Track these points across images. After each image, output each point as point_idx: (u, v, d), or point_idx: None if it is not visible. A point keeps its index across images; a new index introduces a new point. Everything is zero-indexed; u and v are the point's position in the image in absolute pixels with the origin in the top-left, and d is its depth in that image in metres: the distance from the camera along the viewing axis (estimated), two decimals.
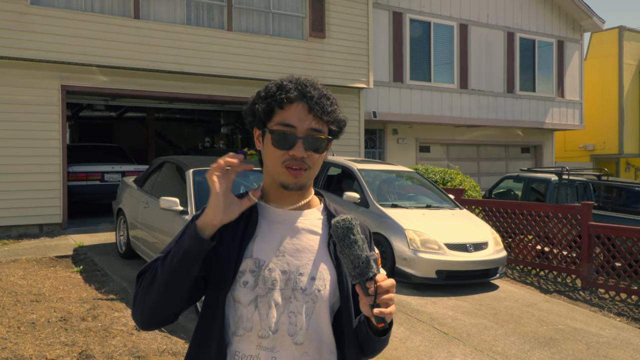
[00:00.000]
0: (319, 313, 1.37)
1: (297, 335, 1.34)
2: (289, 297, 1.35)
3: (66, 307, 5.17)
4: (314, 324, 1.37)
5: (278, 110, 1.38)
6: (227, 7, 10.46)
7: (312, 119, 1.37)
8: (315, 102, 1.37)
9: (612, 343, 5.28)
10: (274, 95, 1.38)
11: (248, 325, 1.34)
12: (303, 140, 1.35)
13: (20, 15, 8.64)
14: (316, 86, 1.41)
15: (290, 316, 1.35)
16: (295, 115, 1.37)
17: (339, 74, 11.59)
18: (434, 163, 13.70)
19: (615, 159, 20.36)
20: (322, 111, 1.37)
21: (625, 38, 19.34)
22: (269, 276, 1.35)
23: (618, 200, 10.15)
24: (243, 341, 1.35)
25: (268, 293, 1.34)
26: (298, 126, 1.36)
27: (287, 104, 1.37)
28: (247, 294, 1.34)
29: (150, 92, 10.05)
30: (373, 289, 1.22)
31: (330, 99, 1.41)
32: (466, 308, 6.03)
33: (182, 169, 6.30)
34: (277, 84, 1.41)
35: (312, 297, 1.36)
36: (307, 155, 1.36)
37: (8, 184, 8.68)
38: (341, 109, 1.45)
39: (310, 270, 1.38)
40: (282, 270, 1.36)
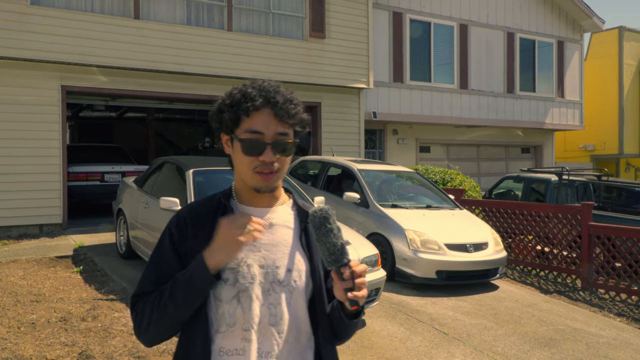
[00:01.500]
0: (297, 302, 1.45)
1: (278, 325, 1.42)
2: (268, 289, 1.43)
3: (66, 308, 5.17)
4: (293, 313, 1.44)
5: (245, 118, 1.42)
6: (227, 7, 10.46)
7: (278, 124, 1.42)
8: (280, 107, 1.42)
9: (612, 343, 5.27)
10: (240, 103, 1.42)
11: (231, 321, 1.40)
12: (272, 145, 1.41)
13: (20, 15, 8.64)
14: (279, 91, 1.45)
15: (270, 307, 1.42)
16: (262, 122, 1.41)
17: (338, 74, 11.58)
18: (434, 163, 13.70)
19: (615, 159, 20.36)
20: (287, 115, 1.42)
21: (625, 38, 19.34)
22: (248, 271, 1.42)
23: (618, 201, 10.15)
24: (227, 337, 1.41)
25: (249, 287, 1.41)
26: (265, 132, 1.41)
27: (253, 111, 1.41)
28: (229, 290, 1.41)
29: (150, 92, 10.05)
30: (348, 273, 1.32)
31: (294, 101, 1.46)
32: (466, 308, 6.03)
33: (182, 169, 6.30)
34: (242, 91, 1.45)
35: (290, 288, 1.44)
36: (277, 159, 1.42)
37: (8, 184, 8.68)
38: (303, 110, 1.50)
39: (287, 263, 1.46)
40: (260, 264, 1.43)
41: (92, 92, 9.76)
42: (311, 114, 12.01)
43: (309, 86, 11.41)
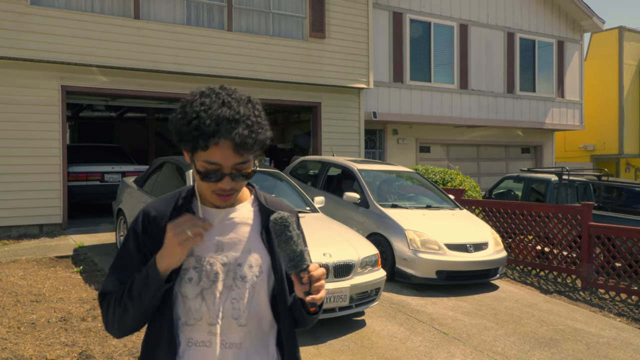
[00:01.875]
0: (258, 296, 1.52)
1: (241, 318, 1.49)
2: (230, 285, 1.49)
3: (66, 308, 5.17)
4: (255, 306, 1.51)
5: (202, 150, 1.37)
6: (227, 7, 10.46)
7: (237, 156, 1.38)
8: (240, 143, 1.35)
9: (612, 343, 5.27)
10: (196, 138, 1.35)
11: (198, 316, 1.47)
12: (230, 175, 1.41)
13: (20, 15, 8.64)
14: (240, 116, 1.36)
15: (233, 302, 1.49)
16: (221, 155, 1.36)
17: (339, 74, 11.58)
18: (434, 163, 13.70)
19: (615, 159, 20.36)
20: (246, 149, 1.37)
21: (625, 38, 19.34)
22: (211, 270, 1.48)
23: (618, 201, 10.15)
24: (195, 330, 1.48)
25: (212, 285, 1.48)
26: (224, 164, 1.38)
27: (212, 145, 1.35)
28: (193, 288, 1.47)
29: (150, 92, 10.05)
30: (306, 278, 1.37)
31: (255, 125, 1.38)
32: (466, 308, 6.03)
33: (182, 169, 6.30)
34: (198, 116, 1.35)
35: (252, 283, 1.50)
36: (235, 185, 1.43)
37: (8, 184, 8.68)
38: (265, 126, 1.43)
39: (248, 260, 1.51)
40: (222, 263, 1.49)
41: (92, 92, 9.76)
42: (311, 114, 12.02)
43: (309, 86, 11.41)
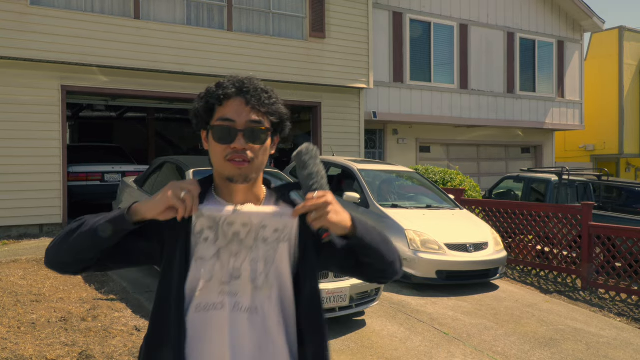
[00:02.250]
0: (280, 262, 1.43)
1: (258, 280, 1.41)
2: (250, 246, 1.42)
3: (66, 307, 5.17)
4: (275, 271, 1.43)
5: (217, 107, 1.43)
6: (227, 7, 10.46)
7: (250, 112, 1.42)
8: (252, 95, 1.42)
9: (612, 343, 5.27)
10: (213, 93, 1.44)
11: (207, 276, 1.40)
12: (243, 132, 1.40)
13: (20, 15, 8.64)
14: (254, 82, 1.45)
15: (252, 264, 1.41)
16: (233, 109, 1.42)
17: (339, 74, 11.58)
18: (434, 163, 13.70)
19: (615, 159, 20.36)
20: (259, 103, 1.42)
21: (625, 38, 19.34)
22: (229, 229, 1.41)
23: (618, 201, 10.14)
24: (204, 293, 1.40)
25: (229, 244, 1.41)
26: (237, 120, 1.41)
27: (225, 99, 1.42)
28: (209, 248, 1.40)
29: (150, 92, 10.06)
30: (310, 198, 1.36)
31: (268, 92, 1.46)
32: (466, 308, 6.03)
33: (182, 169, 6.30)
34: (217, 83, 1.47)
35: (274, 247, 1.43)
36: (249, 147, 1.41)
37: (8, 184, 8.68)
38: (281, 103, 1.50)
39: (274, 223, 1.43)
40: (243, 223, 1.41)
41: (92, 92, 9.76)
42: (311, 114, 12.02)
43: (309, 86, 11.41)
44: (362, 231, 1.43)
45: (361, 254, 1.46)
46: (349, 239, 1.43)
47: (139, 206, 1.38)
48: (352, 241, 1.43)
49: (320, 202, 1.36)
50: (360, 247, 1.45)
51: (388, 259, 1.50)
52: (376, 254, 1.47)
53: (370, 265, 1.50)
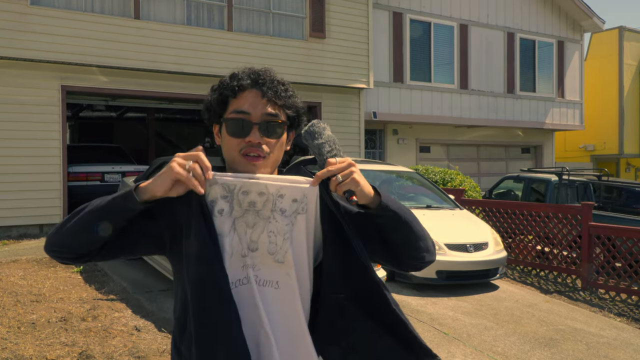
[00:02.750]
0: (299, 234, 1.35)
1: (277, 254, 1.33)
2: (267, 217, 1.33)
3: (66, 308, 5.17)
4: (295, 245, 1.35)
5: (232, 99, 1.37)
6: (227, 7, 10.47)
7: (266, 104, 1.36)
8: (268, 87, 1.36)
9: (612, 343, 5.27)
10: (227, 85, 1.39)
11: (230, 250, 1.32)
12: (258, 125, 1.34)
13: (20, 15, 8.64)
14: (270, 73, 1.40)
15: (270, 235, 1.33)
16: (249, 101, 1.36)
17: (339, 74, 11.58)
18: (434, 163, 13.69)
19: (615, 159, 20.36)
20: (275, 96, 1.36)
21: (625, 38, 19.34)
22: (244, 198, 1.32)
23: (618, 201, 10.15)
24: (230, 269, 1.31)
25: (245, 214, 1.32)
26: (252, 112, 1.35)
27: (240, 91, 1.37)
28: (225, 221, 1.32)
29: (150, 92, 10.06)
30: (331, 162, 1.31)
31: (285, 85, 1.41)
32: (466, 308, 6.03)
33: None
34: (231, 74, 1.41)
35: (292, 219, 1.34)
36: (265, 141, 1.35)
37: (8, 184, 8.68)
38: (297, 97, 1.44)
39: (293, 193, 1.34)
40: (260, 192, 1.33)
41: (92, 92, 9.76)
42: (311, 114, 12.02)
43: (309, 86, 11.41)
44: (386, 199, 1.35)
45: (388, 229, 1.38)
46: (373, 209, 1.35)
47: (147, 184, 1.29)
48: (377, 210, 1.34)
49: (345, 164, 1.31)
50: (386, 218, 1.35)
51: (417, 232, 1.39)
52: (404, 225, 1.37)
53: (400, 244, 1.40)
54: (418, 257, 1.42)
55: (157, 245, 1.40)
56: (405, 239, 1.39)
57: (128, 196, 1.28)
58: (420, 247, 1.41)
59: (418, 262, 1.43)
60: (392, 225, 1.37)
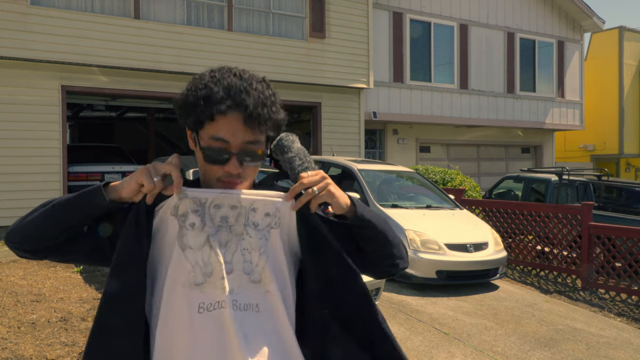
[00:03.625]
0: (274, 249, 1.29)
1: (253, 274, 1.26)
2: (240, 233, 1.27)
3: (66, 307, 5.17)
4: (271, 261, 1.29)
5: (208, 121, 1.24)
6: (227, 8, 10.47)
7: (247, 131, 1.24)
8: (251, 113, 1.22)
9: (612, 343, 5.27)
10: (204, 106, 1.22)
11: (208, 270, 1.24)
12: (237, 155, 1.25)
13: (21, 15, 8.64)
14: (251, 90, 1.24)
15: (244, 253, 1.27)
16: (228, 129, 1.23)
17: (339, 74, 11.59)
18: (434, 163, 13.70)
19: (615, 159, 20.36)
20: (258, 122, 1.24)
21: (625, 38, 19.34)
22: (216, 213, 1.26)
23: (618, 201, 10.14)
24: (206, 289, 1.23)
25: (218, 231, 1.26)
26: (232, 141, 1.23)
27: (219, 115, 1.22)
28: (197, 236, 1.25)
29: (150, 92, 10.06)
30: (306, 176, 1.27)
31: (268, 101, 1.26)
32: (466, 308, 6.03)
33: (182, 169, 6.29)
34: (207, 87, 1.24)
35: (264, 234, 1.29)
36: (243, 170, 1.27)
37: (8, 184, 8.68)
38: (279, 107, 1.31)
39: (265, 206, 1.29)
40: (232, 205, 1.27)
41: (93, 92, 9.77)
42: (311, 114, 12.02)
43: (309, 86, 11.41)
44: (361, 208, 1.32)
45: (363, 238, 1.35)
46: (348, 219, 1.32)
47: (116, 184, 1.25)
48: (353, 220, 1.31)
49: (317, 177, 1.27)
50: (361, 228, 1.33)
51: (392, 240, 1.37)
52: (379, 235, 1.35)
53: (374, 252, 1.37)
54: (393, 264, 1.41)
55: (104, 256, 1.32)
56: (380, 247, 1.37)
57: (96, 192, 1.24)
58: (395, 255, 1.40)
59: (393, 269, 1.42)
60: (368, 234, 1.34)
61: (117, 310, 1.24)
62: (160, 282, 1.27)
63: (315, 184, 1.27)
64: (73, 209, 1.25)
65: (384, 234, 1.36)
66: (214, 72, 1.28)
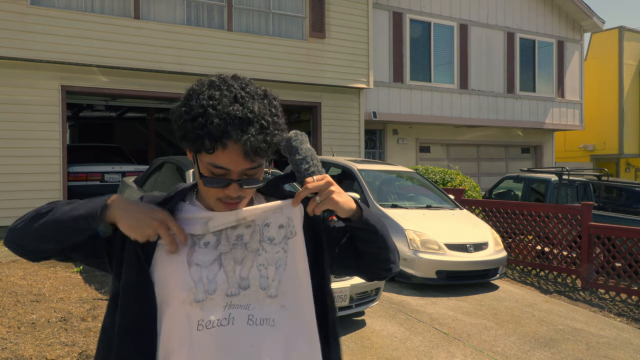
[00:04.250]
0: (293, 261, 1.30)
1: (270, 288, 1.26)
2: (256, 249, 1.28)
3: (66, 308, 5.17)
4: (288, 274, 1.29)
5: (206, 153, 1.20)
6: (227, 8, 10.47)
7: (247, 161, 1.21)
8: (251, 145, 1.17)
9: (612, 343, 5.28)
10: (201, 137, 1.17)
11: (211, 288, 1.23)
12: (238, 182, 1.23)
13: (20, 15, 8.64)
14: (253, 115, 1.18)
15: (261, 269, 1.27)
16: (228, 160, 1.20)
17: (339, 74, 11.59)
18: (434, 163, 13.70)
19: (615, 159, 20.36)
20: (259, 153, 1.20)
21: (625, 38, 19.34)
22: (232, 233, 1.27)
23: (618, 201, 10.14)
24: (207, 306, 1.22)
25: (232, 249, 1.27)
26: (232, 169, 1.21)
27: (219, 148, 1.18)
28: (209, 253, 1.26)
29: (150, 92, 10.06)
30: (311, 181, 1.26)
31: (270, 125, 1.21)
32: (466, 308, 6.03)
33: (182, 169, 6.30)
34: (204, 109, 1.17)
35: (283, 247, 1.29)
36: (243, 191, 1.26)
37: (8, 184, 8.68)
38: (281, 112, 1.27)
39: (279, 219, 1.30)
40: (246, 225, 1.28)
41: (92, 92, 9.77)
42: (311, 114, 12.02)
43: (309, 86, 11.41)
44: (366, 213, 1.33)
45: (363, 240, 1.36)
46: (353, 222, 1.32)
47: (118, 212, 1.22)
48: (357, 224, 1.32)
49: (322, 183, 1.26)
50: (364, 231, 1.34)
51: (389, 245, 1.39)
52: (380, 239, 1.36)
53: (372, 255, 1.39)
54: (387, 268, 1.43)
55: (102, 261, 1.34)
56: (378, 251, 1.38)
57: (92, 216, 1.22)
58: (390, 259, 1.41)
59: (387, 272, 1.44)
60: (370, 237, 1.36)
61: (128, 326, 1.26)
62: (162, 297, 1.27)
63: (319, 190, 1.26)
64: (66, 230, 1.24)
65: (384, 238, 1.38)
66: (212, 90, 1.20)
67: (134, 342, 1.24)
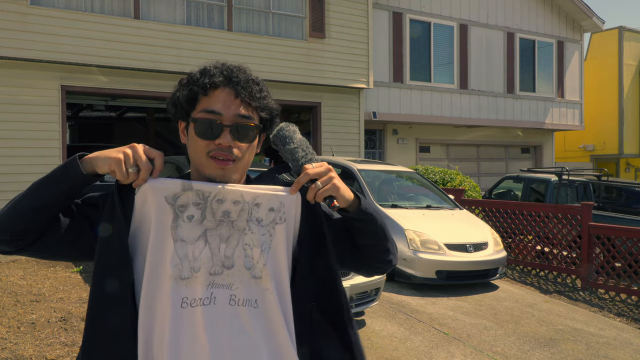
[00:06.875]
0: (276, 247, 1.28)
1: (254, 269, 1.25)
2: (242, 228, 1.25)
3: (66, 307, 5.17)
4: (272, 258, 1.27)
5: (202, 97, 1.27)
6: (227, 8, 10.47)
7: (239, 105, 1.27)
8: (242, 86, 1.27)
9: (612, 343, 5.28)
10: (197, 81, 1.28)
11: (197, 265, 1.21)
12: (230, 128, 1.25)
13: (20, 15, 8.64)
14: (244, 71, 1.31)
15: (246, 249, 1.25)
16: (221, 101, 1.26)
17: (339, 74, 11.59)
18: (433, 163, 13.70)
19: (615, 159, 20.36)
20: (250, 96, 1.27)
21: (625, 38, 19.34)
22: (218, 207, 1.24)
23: (618, 201, 10.15)
24: (191, 284, 1.21)
25: (219, 226, 1.24)
26: (224, 113, 1.26)
27: (212, 89, 1.27)
28: (194, 228, 1.23)
29: (150, 92, 10.06)
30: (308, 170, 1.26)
31: (260, 84, 1.32)
32: (466, 308, 6.04)
33: (181, 169, 6.30)
34: (201, 69, 1.31)
35: (269, 230, 1.27)
36: (235, 145, 1.26)
37: (8, 184, 8.68)
38: (271, 98, 1.35)
39: (269, 201, 1.28)
40: (234, 200, 1.25)
41: (92, 92, 9.77)
42: (311, 114, 12.02)
43: (309, 86, 11.41)
44: (365, 202, 1.33)
45: (362, 232, 1.35)
46: (351, 212, 1.31)
47: (92, 156, 1.23)
48: (356, 214, 1.31)
49: (323, 169, 1.26)
50: (363, 222, 1.33)
51: (388, 236, 1.39)
52: (379, 229, 1.35)
53: (371, 247, 1.37)
54: (386, 260, 1.41)
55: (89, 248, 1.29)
56: (377, 242, 1.37)
57: (71, 165, 1.23)
58: (389, 250, 1.40)
59: (386, 265, 1.43)
60: (369, 228, 1.35)
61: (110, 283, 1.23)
62: (140, 268, 1.23)
63: (320, 175, 1.26)
64: (47, 184, 1.24)
65: (383, 228, 1.37)
66: (207, 66, 1.33)
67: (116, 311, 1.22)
